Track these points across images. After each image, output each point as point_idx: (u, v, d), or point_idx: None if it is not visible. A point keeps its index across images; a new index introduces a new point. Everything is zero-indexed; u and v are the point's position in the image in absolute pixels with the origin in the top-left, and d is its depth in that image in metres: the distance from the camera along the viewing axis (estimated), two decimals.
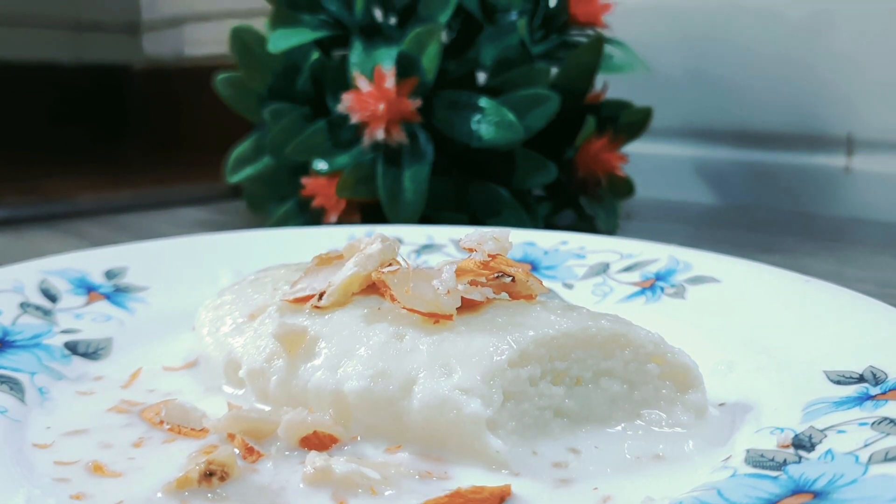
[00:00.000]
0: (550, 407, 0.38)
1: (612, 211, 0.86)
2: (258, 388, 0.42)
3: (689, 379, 0.40)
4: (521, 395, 0.37)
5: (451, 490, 0.33)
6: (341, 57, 0.84)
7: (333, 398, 0.38)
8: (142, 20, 1.73)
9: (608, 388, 0.39)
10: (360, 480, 0.34)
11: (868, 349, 0.40)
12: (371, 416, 0.37)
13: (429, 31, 0.76)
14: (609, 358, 0.39)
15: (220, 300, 0.49)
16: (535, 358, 0.37)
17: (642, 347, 0.39)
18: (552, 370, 0.38)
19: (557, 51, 0.86)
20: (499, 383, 0.36)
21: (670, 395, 0.39)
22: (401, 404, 0.37)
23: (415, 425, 0.36)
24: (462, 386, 0.36)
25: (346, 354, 0.39)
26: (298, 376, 0.40)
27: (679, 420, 0.39)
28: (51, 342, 0.48)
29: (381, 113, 0.76)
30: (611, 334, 0.39)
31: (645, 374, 0.39)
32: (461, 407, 0.35)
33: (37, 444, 0.38)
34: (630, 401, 0.39)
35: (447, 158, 0.81)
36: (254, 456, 0.36)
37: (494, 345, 0.37)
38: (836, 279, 0.50)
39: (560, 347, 0.38)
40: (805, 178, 0.96)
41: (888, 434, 0.33)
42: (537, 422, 0.37)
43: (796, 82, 0.95)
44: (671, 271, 0.55)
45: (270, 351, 0.41)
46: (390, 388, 0.37)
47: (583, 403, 0.38)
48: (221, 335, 0.46)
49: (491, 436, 0.35)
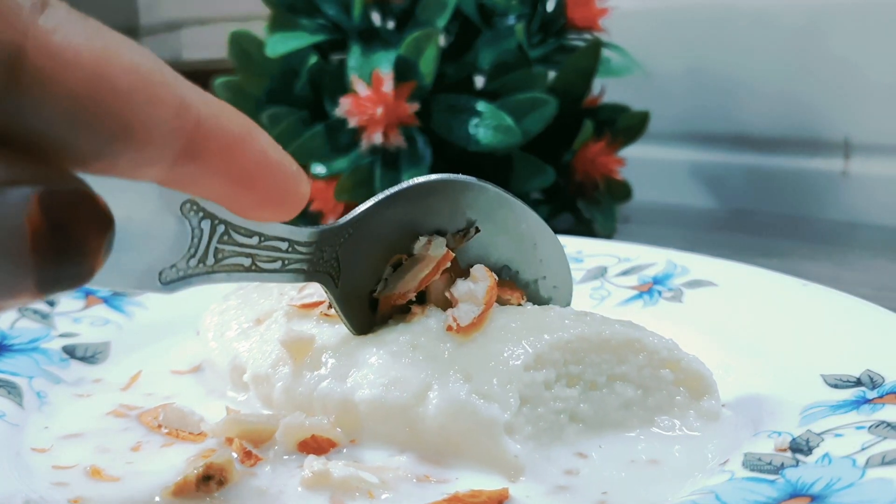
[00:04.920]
0: (565, 411, 0.37)
1: (610, 214, 0.86)
2: (262, 393, 0.42)
3: (702, 386, 0.39)
4: (536, 400, 0.37)
5: (450, 494, 0.33)
6: (339, 61, 0.84)
7: (342, 407, 0.38)
8: (140, 24, 1.73)
9: (622, 394, 0.38)
10: (358, 484, 0.34)
11: (865, 353, 0.40)
12: (383, 424, 0.37)
13: (427, 36, 0.76)
14: (623, 363, 0.39)
15: (225, 304, 0.49)
16: (549, 362, 0.37)
17: (656, 353, 0.39)
18: (567, 374, 0.38)
19: (555, 55, 0.86)
20: (515, 387, 0.36)
21: (684, 401, 0.39)
22: (415, 411, 0.36)
23: (430, 432, 0.36)
24: (479, 391, 0.35)
25: (356, 364, 0.38)
26: (304, 384, 0.39)
27: (692, 426, 0.38)
28: (49, 346, 0.48)
29: (379, 117, 0.76)
30: (625, 339, 0.39)
31: (659, 380, 0.39)
32: (478, 411, 0.35)
33: (35, 448, 0.38)
34: (644, 407, 0.39)
35: (445, 162, 0.81)
36: (251, 460, 0.36)
37: (510, 349, 0.37)
38: (834, 283, 0.50)
39: (574, 351, 0.38)
40: (802, 182, 0.96)
41: (885, 437, 0.33)
42: (552, 427, 0.37)
43: (793, 86, 0.95)
44: (668, 275, 0.55)
45: (276, 356, 0.41)
46: (404, 395, 0.36)
47: (597, 408, 0.38)
48: (227, 340, 0.46)
49: (508, 440, 0.35)
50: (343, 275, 0.38)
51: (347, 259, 0.38)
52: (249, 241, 0.32)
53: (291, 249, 0.35)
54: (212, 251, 0.31)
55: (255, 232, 0.33)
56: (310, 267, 0.36)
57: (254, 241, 0.33)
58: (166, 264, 0.29)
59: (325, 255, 0.37)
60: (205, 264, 0.31)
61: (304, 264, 0.36)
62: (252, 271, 0.33)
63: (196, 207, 0.30)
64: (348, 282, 0.38)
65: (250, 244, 0.33)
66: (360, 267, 0.38)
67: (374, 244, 0.39)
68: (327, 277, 0.37)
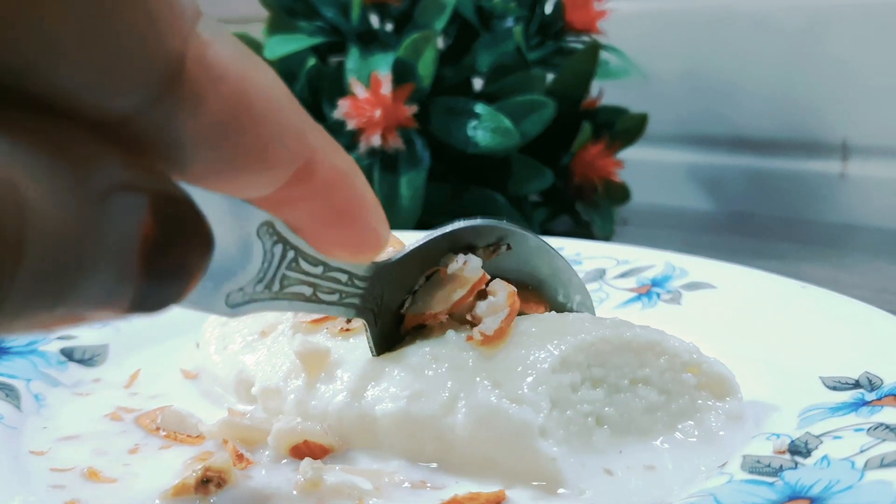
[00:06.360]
0: (592, 414, 0.37)
1: (608, 217, 0.86)
2: (271, 407, 0.40)
3: (725, 388, 0.39)
4: (564, 403, 0.36)
5: (447, 499, 0.33)
6: (338, 63, 0.84)
7: (360, 422, 0.37)
8: None
9: (646, 397, 0.38)
10: (351, 491, 0.34)
11: (864, 355, 0.40)
12: (408, 439, 0.36)
13: (425, 38, 0.76)
14: (645, 366, 0.38)
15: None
16: (574, 364, 0.36)
17: (677, 356, 0.38)
18: (591, 377, 0.37)
19: (553, 57, 0.86)
20: (545, 390, 0.35)
21: (705, 404, 0.39)
22: (443, 422, 0.35)
23: (460, 444, 0.35)
24: (509, 395, 0.35)
25: (374, 377, 0.37)
26: (318, 397, 0.38)
27: (715, 430, 0.38)
28: (47, 348, 0.48)
29: (377, 119, 0.76)
30: (645, 341, 0.38)
31: (681, 385, 0.38)
32: (511, 416, 0.34)
33: (33, 450, 0.38)
34: (668, 412, 0.38)
35: (444, 164, 0.81)
36: (243, 463, 0.36)
37: (535, 353, 0.36)
38: (832, 285, 0.50)
39: (597, 354, 0.37)
40: (800, 184, 0.96)
41: (884, 440, 0.33)
42: (582, 430, 0.36)
43: (791, 88, 0.95)
44: (667, 277, 0.56)
45: (287, 369, 0.40)
46: (431, 406, 0.35)
47: (622, 411, 0.37)
48: (231, 352, 0.45)
49: (544, 443, 0.34)
50: (383, 310, 0.38)
51: (389, 294, 0.38)
52: (314, 269, 0.32)
53: (350, 283, 0.35)
54: (279, 277, 0.31)
55: (320, 261, 0.32)
56: (361, 302, 0.36)
57: (318, 271, 0.32)
58: (235, 287, 0.29)
59: (375, 290, 0.37)
60: (270, 290, 0.31)
61: (357, 299, 0.35)
62: (311, 301, 0.33)
63: (272, 231, 0.29)
64: (386, 312, 0.38)
65: (315, 273, 0.32)
66: (396, 295, 0.38)
67: (412, 271, 0.39)
68: (370, 314, 0.37)
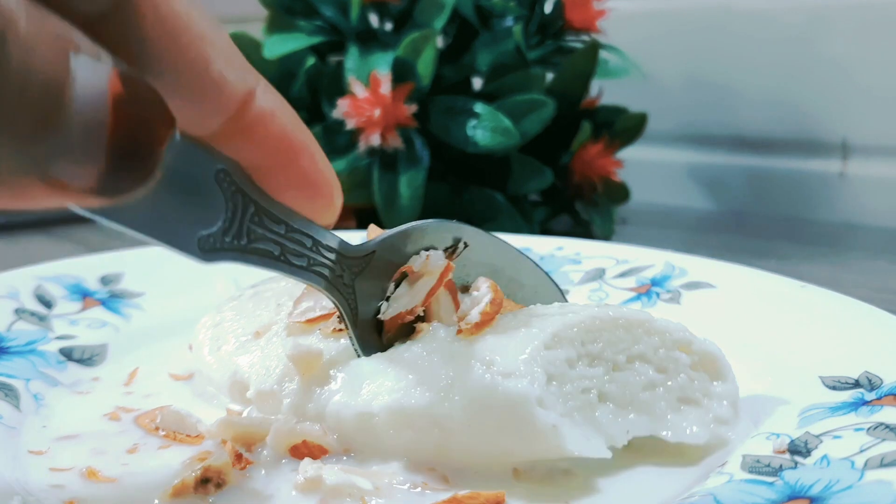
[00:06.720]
0: (593, 389, 0.36)
1: (608, 216, 0.86)
2: (267, 410, 0.40)
3: (717, 368, 0.39)
4: (562, 378, 0.36)
5: (447, 499, 0.33)
6: (337, 62, 0.84)
7: (358, 422, 0.36)
8: None
9: (643, 373, 0.38)
10: (351, 491, 0.34)
11: (863, 354, 0.40)
12: (406, 431, 0.36)
13: (424, 37, 0.76)
14: (638, 342, 0.38)
15: (218, 317, 0.48)
16: (567, 340, 0.36)
17: (668, 333, 0.39)
18: (587, 354, 0.37)
19: (553, 56, 0.86)
20: (539, 363, 0.35)
21: (703, 386, 0.39)
22: (441, 409, 0.35)
23: (460, 428, 0.35)
24: (503, 372, 0.34)
25: (368, 376, 0.37)
26: (314, 399, 0.38)
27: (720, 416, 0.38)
28: (46, 348, 0.48)
29: (376, 118, 0.76)
30: (634, 318, 0.38)
31: (676, 363, 0.39)
32: (507, 390, 0.34)
33: (32, 450, 0.38)
34: (668, 389, 0.38)
35: (443, 164, 0.81)
36: (241, 463, 0.36)
37: (525, 332, 0.36)
38: (832, 284, 0.50)
39: (589, 329, 0.37)
40: (800, 184, 0.96)
41: (884, 439, 0.33)
42: (584, 406, 0.36)
43: (791, 88, 0.95)
44: (667, 277, 0.55)
45: (281, 372, 0.40)
46: (427, 396, 0.35)
47: (623, 387, 0.37)
48: (224, 354, 0.44)
49: (542, 411, 0.34)
50: (360, 305, 0.39)
51: (361, 291, 0.38)
52: (277, 228, 0.33)
53: (315, 249, 0.35)
54: (245, 229, 0.32)
55: (281, 220, 0.33)
56: (331, 275, 0.36)
57: (281, 230, 0.33)
58: (204, 230, 0.30)
59: (344, 279, 0.37)
60: (238, 241, 0.31)
61: (325, 269, 0.36)
62: (282, 262, 0.34)
63: (229, 179, 0.31)
64: (364, 324, 0.39)
65: (278, 232, 0.33)
66: (367, 294, 0.39)
67: (379, 275, 0.40)
68: (339, 296, 0.37)
